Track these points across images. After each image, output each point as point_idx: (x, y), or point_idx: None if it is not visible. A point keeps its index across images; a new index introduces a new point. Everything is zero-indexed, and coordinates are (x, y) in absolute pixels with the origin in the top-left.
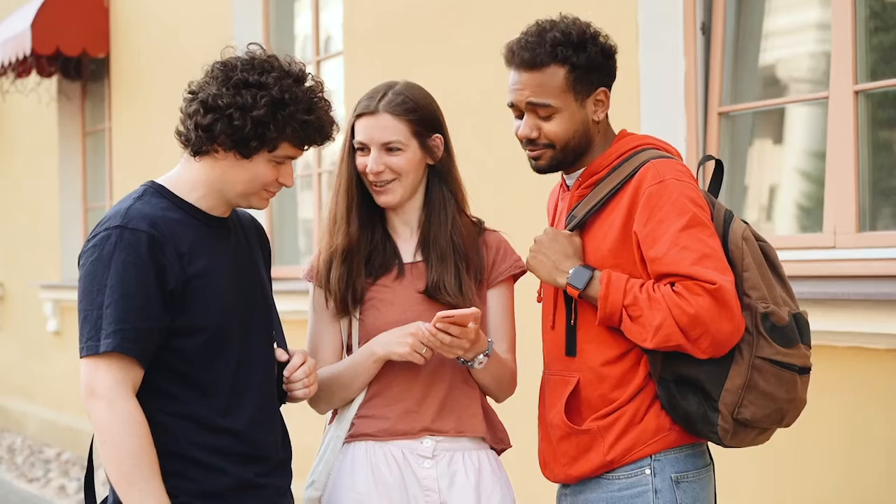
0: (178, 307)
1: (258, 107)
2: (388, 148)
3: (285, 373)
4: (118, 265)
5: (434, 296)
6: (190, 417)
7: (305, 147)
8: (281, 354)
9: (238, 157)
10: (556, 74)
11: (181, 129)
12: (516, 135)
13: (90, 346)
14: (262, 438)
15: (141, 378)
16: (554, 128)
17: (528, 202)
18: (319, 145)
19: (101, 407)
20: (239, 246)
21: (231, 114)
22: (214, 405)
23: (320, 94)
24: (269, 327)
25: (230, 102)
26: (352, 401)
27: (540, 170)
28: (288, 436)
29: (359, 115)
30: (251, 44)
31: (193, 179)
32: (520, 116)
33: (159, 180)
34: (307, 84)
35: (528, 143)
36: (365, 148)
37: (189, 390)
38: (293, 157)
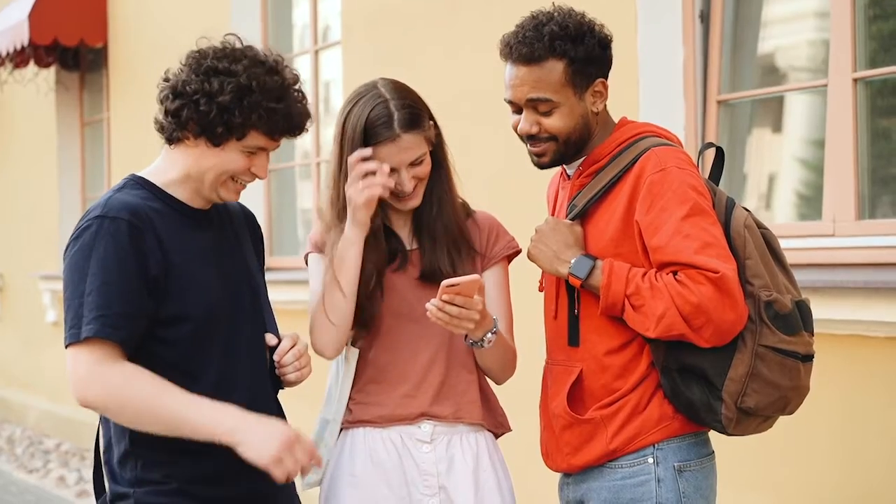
0: (161, 295)
1: (224, 93)
2: (414, 162)
3: (275, 357)
4: (99, 253)
5: (430, 280)
6: None
7: (276, 137)
8: (270, 339)
9: (208, 144)
10: (555, 69)
11: (157, 116)
12: (515, 130)
13: (72, 335)
14: None
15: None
16: (554, 122)
17: (527, 191)
18: (291, 136)
19: (90, 386)
20: (222, 235)
21: (198, 100)
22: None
23: (295, 86)
24: (259, 317)
25: (197, 88)
26: (343, 385)
27: (542, 166)
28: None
29: (377, 143)
30: (228, 34)
31: (170, 170)
32: (518, 112)
33: (140, 173)
34: (281, 75)
35: (529, 138)
36: (392, 169)
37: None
38: (266, 149)
